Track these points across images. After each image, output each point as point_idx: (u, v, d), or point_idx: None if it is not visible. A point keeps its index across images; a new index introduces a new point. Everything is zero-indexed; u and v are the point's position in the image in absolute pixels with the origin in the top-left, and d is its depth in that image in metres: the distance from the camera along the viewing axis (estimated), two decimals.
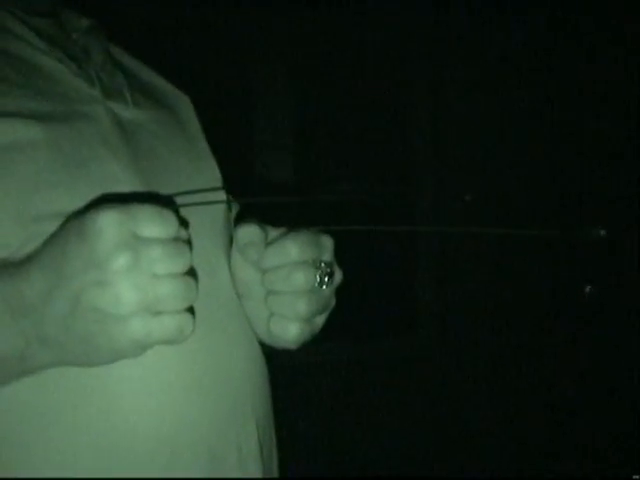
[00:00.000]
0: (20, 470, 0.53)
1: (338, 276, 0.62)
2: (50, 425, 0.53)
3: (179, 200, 0.57)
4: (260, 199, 0.53)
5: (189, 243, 0.50)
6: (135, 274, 0.46)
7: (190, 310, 0.49)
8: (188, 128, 0.74)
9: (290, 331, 0.59)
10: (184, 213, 0.57)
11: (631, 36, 2.69)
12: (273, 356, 0.70)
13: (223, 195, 0.69)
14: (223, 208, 0.68)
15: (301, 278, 0.58)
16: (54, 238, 0.48)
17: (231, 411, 0.60)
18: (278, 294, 0.59)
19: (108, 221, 0.45)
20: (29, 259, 0.48)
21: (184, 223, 0.53)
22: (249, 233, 0.59)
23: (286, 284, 0.58)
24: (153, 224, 0.47)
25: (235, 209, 0.74)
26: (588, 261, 2.82)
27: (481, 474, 2.69)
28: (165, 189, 0.59)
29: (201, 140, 0.75)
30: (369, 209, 2.52)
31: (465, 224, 2.43)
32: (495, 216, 2.70)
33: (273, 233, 0.61)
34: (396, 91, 2.83)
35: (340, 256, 0.62)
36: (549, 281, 2.88)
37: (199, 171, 0.69)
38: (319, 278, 0.59)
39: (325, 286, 0.59)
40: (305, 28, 2.63)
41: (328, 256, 0.61)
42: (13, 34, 0.62)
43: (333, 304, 0.63)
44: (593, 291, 2.86)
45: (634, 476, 1.80)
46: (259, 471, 0.63)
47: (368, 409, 2.75)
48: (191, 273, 0.49)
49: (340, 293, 0.64)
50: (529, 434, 2.83)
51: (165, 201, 0.54)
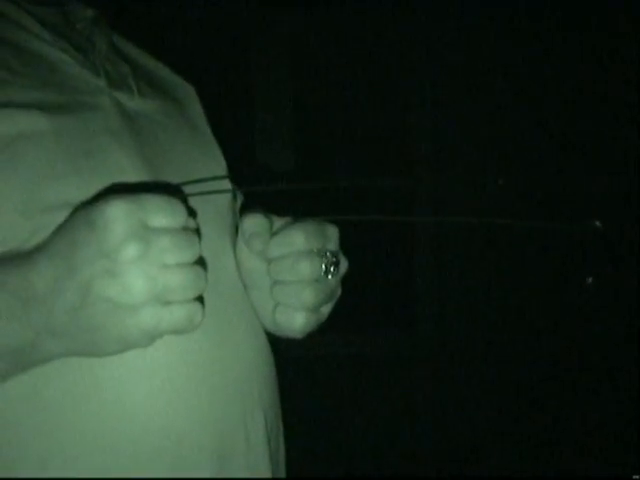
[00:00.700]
0: (23, 463, 0.53)
1: (344, 265, 0.62)
2: (56, 417, 0.53)
3: (186, 189, 0.57)
4: (265, 188, 0.53)
5: (198, 233, 0.50)
6: (145, 264, 0.46)
7: (199, 299, 0.49)
8: (193, 118, 0.74)
9: (296, 321, 0.59)
10: (190, 203, 0.57)
11: (630, 35, 2.69)
12: (273, 349, 0.70)
13: (228, 184, 0.69)
14: (228, 198, 0.69)
15: (307, 268, 0.58)
16: (63, 229, 0.48)
17: (238, 400, 0.60)
18: (284, 284, 0.59)
19: (117, 211, 0.45)
20: (38, 250, 0.48)
21: (192, 213, 0.53)
22: (254, 223, 0.59)
23: (292, 274, 0.58)
24: (162, 214, 0.47)
25: (240, 199, 0.74)
26: (590, 255, 2.82)
27: (480, 473, 2.69)
28: (171, 178, 0.59)
29: (206, 130, 0.75)
30: (369, 201, 2.52)
31: (466, 214, 2.43)
32: (497, 207, 2.70)
33: (278, 223, 0.61)
34: (396, 81, 2.83)
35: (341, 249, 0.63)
36: (550, 275, 2.88)
37: (204, 161, 0.69)
38: (325, 267, 0.59)
39: (331, 275, 0.59)
40: (307, 19, 2.62)
41: (333, 245, 0.61)
42: (18, 25, 0.62)
43: (339, 293, 0.64)
44: (595, 283, 2.86)
45: (634, 476, 1.80)
46: (266, 460, 0.64)
47: (365, 404, 2.75)
48: (200, 262, 0.50)
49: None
50: (529, 433, 2.83)
51: (173, 191, 0.54)
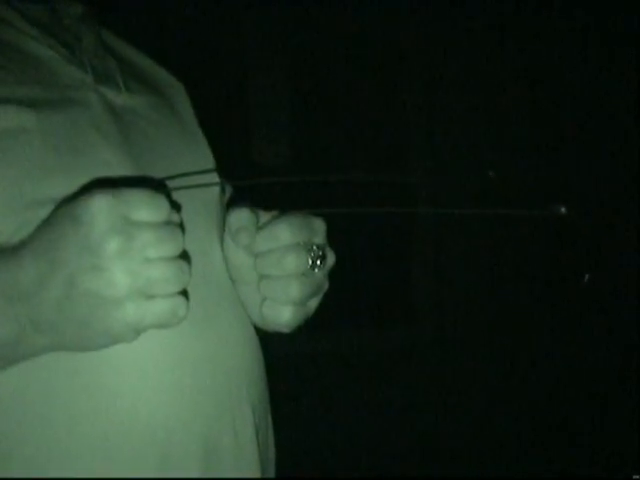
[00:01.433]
0: (11, 460, 0.53)
1: (331, 259, 0.62)
2: (43, 413, 0.53)
3: (171, 183, 0.57)
4: (252, 181, 0.53)
5: (181, 227, 0.50)
6: (127, 258, 0.46)
7: (184, 293, 0.49)
8: (181, 113, 0.74)
9: (283, 315, 0.60)
10: (177, 197, 0.57)
11: (629, 33, 2.68)
12: (268, 346, 0.71)
13: (216, 179, 0.69)
14: (216, 192, 0.69)
15: (293, 261, 0.58)
16: (47, 224, 0.49)
17: (226, 395, 0.60)
18: (270, 278, 0.59)
19: (100, 206, 0.46)
20: (22, 245, 0.49)
21: (176, 206, 0.54)
22: (240, 218, 0.59)
23: (278, 268, 0.58)
24: (145, 208, 0.47)
25: (228, 193, 0.74)
26: (587, 250, 2.82)
27: (480, 472, 2.69)
28: (158, 174, 0.59)
29: (194, 125, 0.75)
30: (364, 194, 2.52)
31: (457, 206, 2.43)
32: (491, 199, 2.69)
33: (264, 217, 0.61)
34: (393, 76, 2.83)
35: (337, 248, 0.62)
36: (548, 270, 2.88)
37: (192, 156, 0.69)
38: (311, 261, 0.59)
39: (317, 269, 0.59)
40: (304, 13, 2.62)
41: (320, 239, 0.61)
42: (4, 21, 0.62)
43: (326, 287, 0.64)
44: (593, 280, 2.85)
45: (634, 476, 1.80)
46: (255, 455, 0.64)
47: (364, 400, 2.75)
48: (184, 256, 0.50)
49: (336, 284, 0.64)
50: (528, 432, 2.83)
51: (156, 185, 0.54)
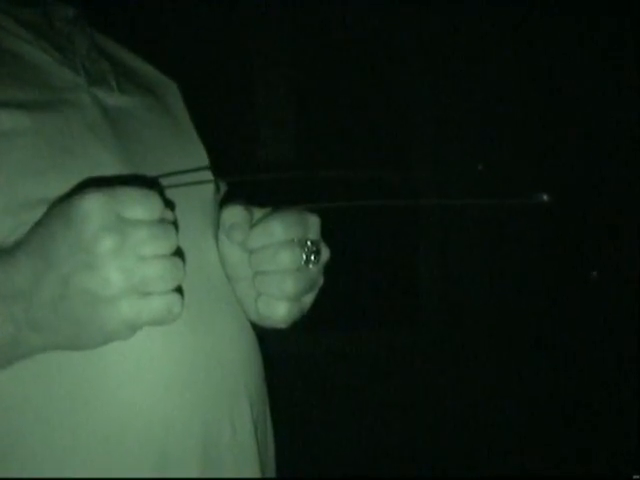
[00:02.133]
0: (9, 462, 0.53)
1: (325, 255, 0.62)
2: (43, 411, 0.53)
3: (164, 182, 0.57)
4: (245, 177, 0.54)
5: (175, 224, 0.51)
6: (121, 256, 0.46)
7: (179, 290, 0.50)
8: (174, 113, 0.75)
9: (278, 311, 0.60)
10: (172, 196, 0.58)
11: (629, 29, 2.68)
12: (271, 345, 0.71)
13: (209, 176, 0.70)
14: (211, 190, 0.69)
15: (287, 257, 0.58)
16: (40, 224, 0.49)
17: (223, 390, 0.60)
18: (265, 274, 0.60)
19: (93, 204, 0.46)
20: (17, 246, 0.49)
21: (170, 204, 0.54)
22: (234, 214, 0.60)
23: (272, 264, 0.58)
24: (138, 206, 0.48)
25: (223, 191, 0.74)
26: (595, 247, 2.82)
27: (481, 472, 2.69)
28: (151, 173, 0.60)
29: (188, 125, 0.76)
30: (368, 190, 2.52)
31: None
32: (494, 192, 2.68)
33: (258, 214, 0.61)
34: (396, 74, 2.83)
35: (340, 245, 0.63)
36: (555, 269, 2.87)
37: (186, 155, 0.70)
38: (305, 257, 0.59)
39: (312, 265, 0.60)
40: (309, 13, 2.62)
41: (314, 234, 0.61)
42: None
43: (321, 283, 0.64)
44: (599, 277, 2.84)
45: (634, 476, 1.80)
46: (254, 452, 0.64)
47: (366, 400, 2.74)
48: (178, 254, 0.50)
49: (339, 282, 0.65)
50: (529, 432, 2.83)
51: (150, 183, 0.55)
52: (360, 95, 2.80)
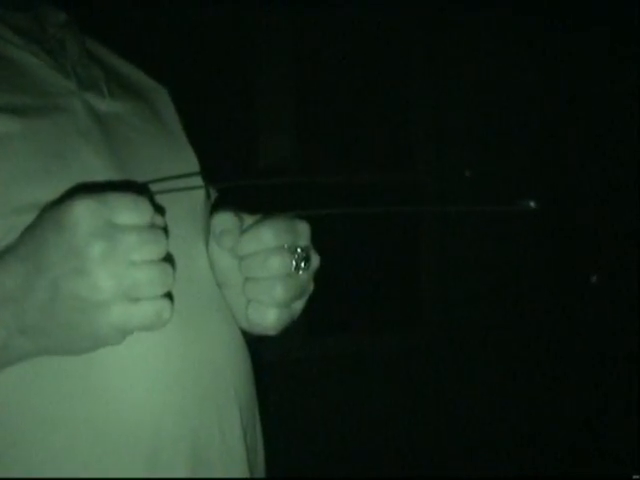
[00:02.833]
0: (5, 463, 0.53)
1: (315, 261, 0.62)
2: (35, 414, 0.54)
3: (154, 187, 0.57)
4: (236, 183, 0.54)
5: (165, 230, 0.51)
6: (112, 261, 0.47)
7: (168, 296, 0.50)
8: (165, 119, 0.75)
9: (268, 317, 0.60)
10: (162, 201, 0.58)
11: (630, 31, 2.68)
12: (271, 347, 0.71)
13: (200, 182, 0.70)
14: (201, 196, 0.69)
15: (277, 263, 0.58)
16: (31, 229, 0.49)
17: (212, 396, 0.61)
18: (255, 280, 0.59)
19: (83, 210, 0.46)
20: (8, 250, 0.49)
21: (160, 210, 0.54)
22: (224, 220, 0.60)
23: (262, 270, 0.58)
24: (128, 212, 0.48)
25: (214, 197, 0.75)
26: (594, 251, 2.81)
27: (482, 472, 2.68)
28: (142, 179, 0.60)
29: (178, 131, 0.76)
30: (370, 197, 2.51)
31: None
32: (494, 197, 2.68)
33: (249, 220, 0.61)
34: (397, 75, 2.83)
35: (341, 249, 0.62)
36: (555, 271, 2.86)
37: (177, 161, 0.70)
38: (295, 263, 0.59)
39: (302, 271, 0.60)
40: (310, 14, 2.62)
41: (304, 241, 0.61)
42: None
43: (311, 289, 0.64)
44: (599, 281, 2.84)
45: (634, 476, 1.80)
46: (243, 456, 0.64)
47: (369, 403, 2.74)
48: (168, 259, 0.50)
49: (340, 286, 0.64)
50: (530, 433, 2.82)
51: (140, 188, 0.55)
52: (360, 95, 2.80)
